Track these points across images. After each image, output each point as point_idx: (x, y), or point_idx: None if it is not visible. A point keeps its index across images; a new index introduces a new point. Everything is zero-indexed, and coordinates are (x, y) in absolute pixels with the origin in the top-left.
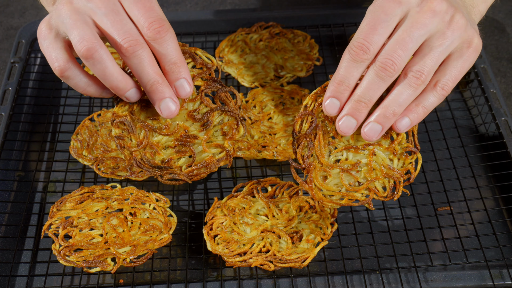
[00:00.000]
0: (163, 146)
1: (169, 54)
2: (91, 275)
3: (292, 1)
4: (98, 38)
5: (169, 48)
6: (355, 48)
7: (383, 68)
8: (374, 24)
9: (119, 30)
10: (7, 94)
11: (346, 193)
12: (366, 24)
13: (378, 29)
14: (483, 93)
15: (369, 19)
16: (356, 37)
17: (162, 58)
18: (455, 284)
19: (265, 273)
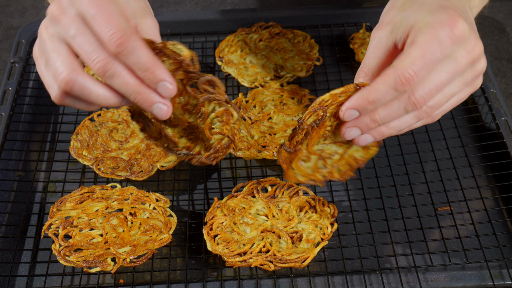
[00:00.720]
0: (177, 136)
1: (138, 63)
2: (91, 275)
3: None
4: (76, 66)
5: (136, 57)
6: (403, 79)
7: (414, 106)
8: (428, 61)
9: (86, 51)
10: (7, 94)
11: (311, 174)
12: (421, 56)
13: (431, 68)
14: (483, 93)
15: (424, 52)
16: (408, 67)
17: (134, 68)
18: (455, 284)
19: (265, 273)
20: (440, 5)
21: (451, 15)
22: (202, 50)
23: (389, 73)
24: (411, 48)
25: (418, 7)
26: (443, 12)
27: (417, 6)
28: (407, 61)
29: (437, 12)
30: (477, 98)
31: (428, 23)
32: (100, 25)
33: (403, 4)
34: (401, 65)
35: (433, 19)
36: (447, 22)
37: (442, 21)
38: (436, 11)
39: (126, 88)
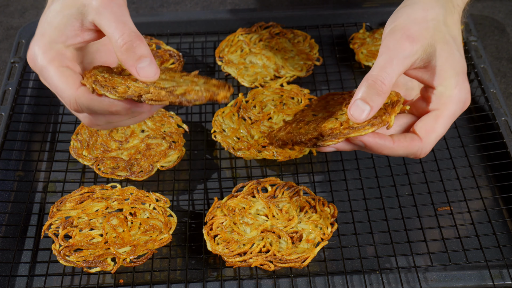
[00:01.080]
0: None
1: (101, 108)
2: (91, 275)
3: (292, 1)
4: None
5: (97, 107)
6: (421, 154)
7: (415, 158)
8: (443, 133)
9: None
10: (7, 94)
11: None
12: (440, 135)
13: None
14: (483, 93)
15: (444, 129)
16: (430, 145)
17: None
18: (455, 284)
19: (265, 273)
20: (463, 66)
21: (467, 92)
22: (202, 50)
23: (415, 145)
24: (437, 123)
25: (447, 55)
26: (465, 87)
27: (447, 53)
28: (432, 138)
29: (461, 84)
30: (477, 98)
31: (450, 96)
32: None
33: (434, 32)
34: (427, 141)
35: (456, 95)
36: (464, 100)
37: (462, 99)
38: (461, 78)
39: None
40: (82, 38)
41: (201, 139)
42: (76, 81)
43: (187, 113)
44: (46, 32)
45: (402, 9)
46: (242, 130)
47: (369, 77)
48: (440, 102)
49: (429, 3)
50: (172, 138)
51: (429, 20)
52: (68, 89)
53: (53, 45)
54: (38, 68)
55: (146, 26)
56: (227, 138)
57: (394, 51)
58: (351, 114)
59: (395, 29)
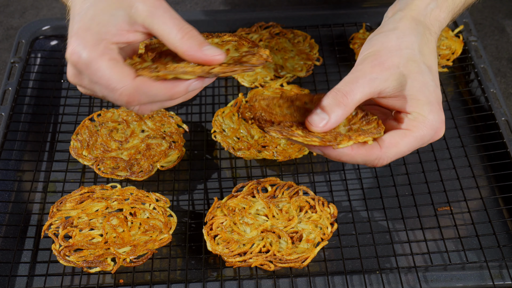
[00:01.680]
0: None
1: (155, 98)
2: (91, 275)
3: (292, 1)
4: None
5: (150, 97)
6: (379, 164)
7: (372, 166)
8: (406, 152)
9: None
10: (7, 94)
11: None
12: (403, 152)
13: (404, 154)
14: (483, 93)
15: (408, 148)
16: (389, 158)
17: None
18: (455, 284)
19: (265, 273)
20: (437, 96)
21: (442, 121)
22: None
23: (374, 153)
24: (403, 141)
25: (421, 85)
26: (439, 115)
27: (421, 84)
28: (393, 152)
29: (435, 111)
30: (477, 98)
31: (424, 119)
32: (106, 93)
33: (408, 61)
34: (387, 154)
35: (429, 120)
36: (436, 128)
37: (434, 126)
38: (434, 106)
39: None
40: (127, 38)
41: (201, 139)
42: (131, 71)
43: (187, 113)
44: (92, 27)
45: (376, 36)
46: (242, 130)
47: (333, 89)
48: (411, 124)
49: (405, 31)
50: (172, 138)
51: (403, 48)
52: (125, 80)
53: (101, 40)
54: (83, 62)
55: None
56: (227, 138)
57: (362, 73)
58: (308, 122)
59: (367, 56)
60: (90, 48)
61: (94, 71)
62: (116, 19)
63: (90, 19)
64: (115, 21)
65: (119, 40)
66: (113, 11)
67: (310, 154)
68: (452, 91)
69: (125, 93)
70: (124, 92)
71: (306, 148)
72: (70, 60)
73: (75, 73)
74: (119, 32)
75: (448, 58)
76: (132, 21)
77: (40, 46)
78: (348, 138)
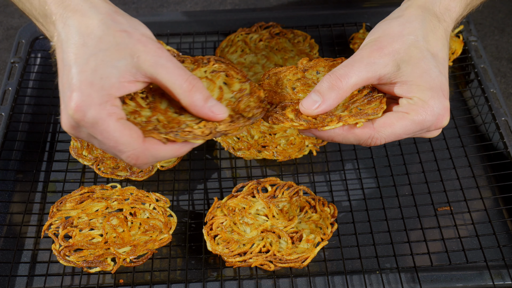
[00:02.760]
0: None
1: (161, 157)
2: (91, 275)
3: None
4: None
5: (155, 157)
6: (372, 143)
7: (366, 145)
8: (403, 135)
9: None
10: (7, 94)
11: None
12: (399, 134)
13: (400, 137)
14: (483, 93)
15: (406, 130)
16: (383, 138)
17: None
18: (455, 284)
19: (265, 273)
20: (441, 83)
21: (444, 108)
22: (202, 50)
23: (366, 132)
24: (399, 122)
25: (422, 71)
26: (441, 101)
27: (422, 70)
28: (387, 132)
29: (437, 97)
30: (477, 98)
31: (424, 103)
32: (111, 151)
33: (409, 47)
34: (380, 133)
35: (430, 105)
36: (438, 114)
37: (435, 112)
38: (437, 93)
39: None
40: (128, 89)
41: None
42: (139, 133)
43: None
44: (95, 82)
45: (380, 24)
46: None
47: (329, 72)
48: (410, 107)
49: (409, 18)
50: None
51: (405, 34)
52: (134, 143)
53: (107, 97)
54: (89, 121)
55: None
56: (227, 138)
57: (360, 57)
58: (301, 105)
59: (368, 42)
60: (97, 107)
61: (100, 131)
62: (118, 71)
63: (92, 72)
64: (118, 73)
65: (122, 93)
66: (115, 62)
67: (310, 154)
68: (452, 91)
69: (133, 156)
70: (132, 156)
71: (298, 132)
72: (73, 116)
73: (73, 126)
74: (122, 85)
75: (448, 58)
76: (134, 71)
77: (40, 46)
78: (338, 119)
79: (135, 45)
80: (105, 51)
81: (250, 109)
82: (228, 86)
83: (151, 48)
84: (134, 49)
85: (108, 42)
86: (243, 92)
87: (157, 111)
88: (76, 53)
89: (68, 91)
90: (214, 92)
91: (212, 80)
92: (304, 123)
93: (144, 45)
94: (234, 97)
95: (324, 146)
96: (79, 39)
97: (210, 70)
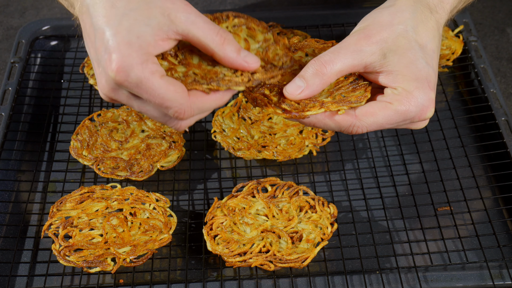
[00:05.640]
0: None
1: (205, 110)
2: (91, 275)
3: (292, 1)
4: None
5: (201, 109)
6: (353, 132)
7: (347, 133)
8: (385, 125)
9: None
10: (7, 94)
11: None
12: (382, 124)
13: (382, 127)
14: (483, 93)
15: (388, 120)
16: (365, 127)
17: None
18: (455, 284)
19: (265, 273)
20: (427, 75)
21: (429, 100)
22: None
23: (347, 120)
24: (381, 111)
25: (409, 62)
26: (426, 92)
27: (409, 60)
28: (368, 121)
29: (422, 88)
30: (477, 98)
31: (408, 94)
32: (155, 110)
33: (397, 37)
34: (362, 122)
35: (414, 96)
36: (422, 105)
37: (419, 103)
38: (422, 84)
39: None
40: (163, 47)
41: (201, 139)
42: (183, 88)
43: None
44: (132, 41)
45: (371, 12)
46: (242, 130)
47: (314, 58)
48: (394, 98)
49: (400, 7)
50: (172, 138)
51: (395, 24)
52: (181, 98)
53: (147, 56)
54: (133, 81)
55: None
56: (227, 138)
57: (346, 44)
58: (285, 90)
59: (357, 30)
60: (139, 66)
61: (146, 90)
62: (152, 29)
63: (128, 32)
64: (152, 31)
65: (158, 51)
66: (147, 20)
67: (310, 154)
68: (452, 91)
69: (180, 111)
70: (179, 111)
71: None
72: (116, 78)
73: (113, 88)
74: (157, 43)
75: (448, 58)
76: (166, 29)
77: (40, 46)
78: (320, 105)
79: (164, 3)
80: (136, 10)
81: (279, 58)
82: (252, 38)
83: (179, 5)
84: (164, 7)
85: (137, 2)
86: (268, 42)
87: (192, 67)
88: (107, 15)
89: (105, 54)
90: (241, 44)
91: (236, 33)
92: (287, 107)
93: (172, 2)
94: (261, 47)
95: (324, 146)
96: (106, 1)
97: (231, 25)
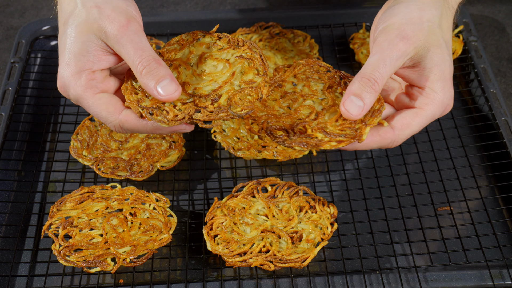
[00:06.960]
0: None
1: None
2: (91, 275)
3: (292, 1)
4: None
5: None
6: (392, 145)
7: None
8: (418, 130)
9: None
10: (7, 94)
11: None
12: (414, 131)
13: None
14: (483, 93)
15: (419, 125)
16: (403, 138)
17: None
18: (455, 284)
19: (265, 273)
20: (450, 71)
21: (451, 97)
22: None
23: (387, 138)
24: (415, 121)
25: (439, 60)
26: (450, 91)
27: (439, 58)
28: (406, 133)
29: (446, 88)
30: (477, 98)
31: (435, 95)
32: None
33: (429, 34)
34: (400, 135)
35: (440, 97)
36: (446, 105)
37: (444, 103)
38: (447, 83)
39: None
40: (106, 62)
41: (201, 139)
42: (116, 105)
43: None
44: (71, 61)
45: (397, 6)
46: (242, 130)
47: (362, 75)
48: (423, 101)
49: (426, 3)
50: (172, 138)
51: (424, 21)
52: (110, 116)
53: (82, 73)
54: (73, 98)
55: (146, 26)
56: (227, 138)
57: (388, 51)
58: (345, 109)
59: (389, 28)
60: (74, 84)
61: (83, 105)
62: (90, 47)
63: (69, 51)
64: (91, 49)
65: (99, 66)
66: (83, 37)
67: (310, 154)
68: None
69: (113, 127)
70: (111, 126)
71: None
72: (62, 94)
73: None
74: (99, 58)
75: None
76: (104, 46)
77: (40, 46)
78: (363, 124)
79: (103, 20)
80: (75, 29)
81: (242, 103)
82: (243, 74)
83: (115, 25)
84: (102, 25)
85: (80, 17)
86: (250, 84)
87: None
88: (60, 32)
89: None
90: (224, 76)
91: (231, 64)
92: (343, 139)
93: (110, 21)
94: (238, 85)
95: None
96: (61, 17)
97: (239, 54)
